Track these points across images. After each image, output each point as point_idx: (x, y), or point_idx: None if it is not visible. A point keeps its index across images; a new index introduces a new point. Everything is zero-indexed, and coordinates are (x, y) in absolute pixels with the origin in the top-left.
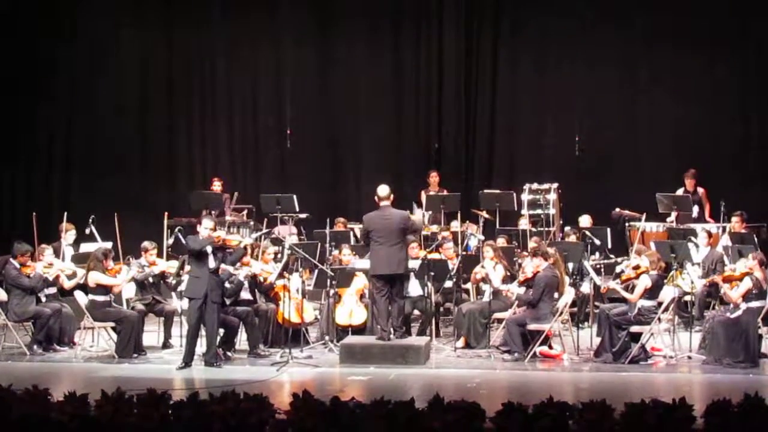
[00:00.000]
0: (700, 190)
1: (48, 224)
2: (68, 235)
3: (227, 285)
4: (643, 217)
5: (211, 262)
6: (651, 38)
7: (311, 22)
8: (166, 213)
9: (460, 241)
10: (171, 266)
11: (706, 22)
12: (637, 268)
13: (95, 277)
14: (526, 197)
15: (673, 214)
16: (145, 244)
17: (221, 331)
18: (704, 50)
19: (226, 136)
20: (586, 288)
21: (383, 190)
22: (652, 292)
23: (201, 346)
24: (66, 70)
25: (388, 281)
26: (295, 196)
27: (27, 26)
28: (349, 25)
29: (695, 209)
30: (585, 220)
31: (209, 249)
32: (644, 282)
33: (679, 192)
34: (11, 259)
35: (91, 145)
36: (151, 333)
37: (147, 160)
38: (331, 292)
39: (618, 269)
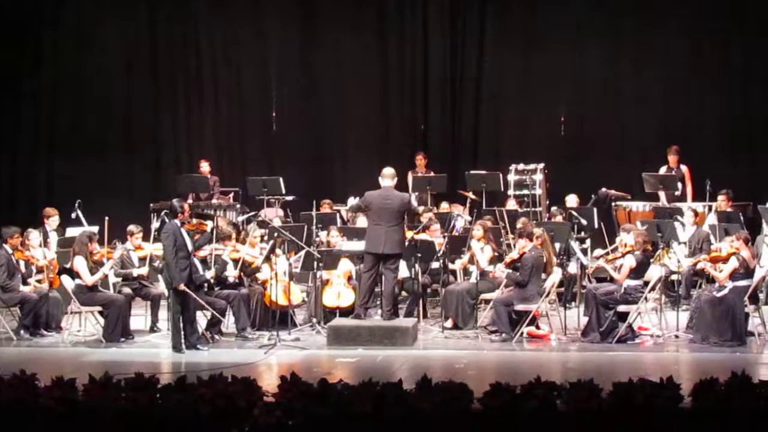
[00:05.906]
0: (684, 167)
1: (33, 210)
2: (51, 221)
3: (213, 266)
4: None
5: (189, 246)
6: (635, 17)
7: (296, 5)
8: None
9: (447, 223)
10: (157, 249)
11: (690, 1)
12: (624, 246)
13: (78, 265)
14: (512, 178)
15: (662, 195)
16: (131, 227)
17: (208, 314)
18: (688, 28)
19: (212, 120)
20: (573, 268)
21: (388, 170)
22: (638, 272)
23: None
24: (50, 53)
25: (378, 260)
26: (281, 179)
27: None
28: (335, 8)
29: (678, 185)
30: (572, 200)
31: (185, 234)
32: (629, 262)
33: (663, 169)
34: (3, 245)
35: (75, 129)
36: (138, 317)
37: (132, 145)
38: (318, 274)
39: (603, 251)
